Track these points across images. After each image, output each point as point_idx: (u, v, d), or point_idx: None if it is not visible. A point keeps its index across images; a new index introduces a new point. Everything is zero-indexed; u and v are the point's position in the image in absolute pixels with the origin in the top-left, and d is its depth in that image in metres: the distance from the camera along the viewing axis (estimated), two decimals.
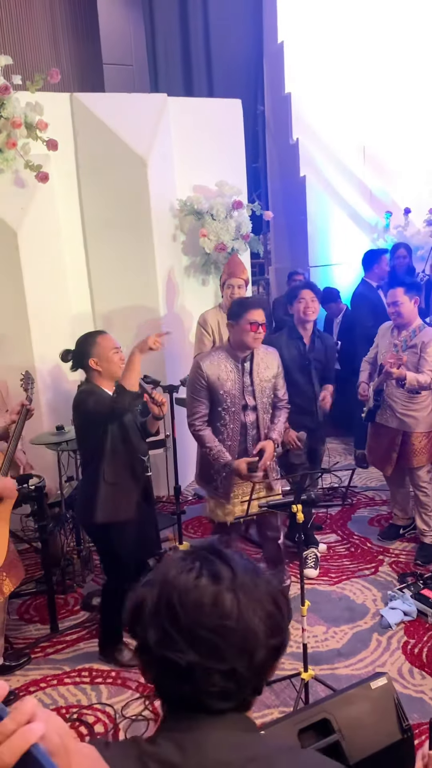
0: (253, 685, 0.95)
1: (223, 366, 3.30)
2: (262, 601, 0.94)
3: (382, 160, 7.74)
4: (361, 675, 3.10)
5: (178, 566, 0.95)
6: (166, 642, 0.90)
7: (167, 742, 0.91)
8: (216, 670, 0.90)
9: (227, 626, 0.90)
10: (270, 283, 7.83)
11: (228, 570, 0.95)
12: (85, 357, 3.17)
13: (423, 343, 3.91)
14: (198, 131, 5.31)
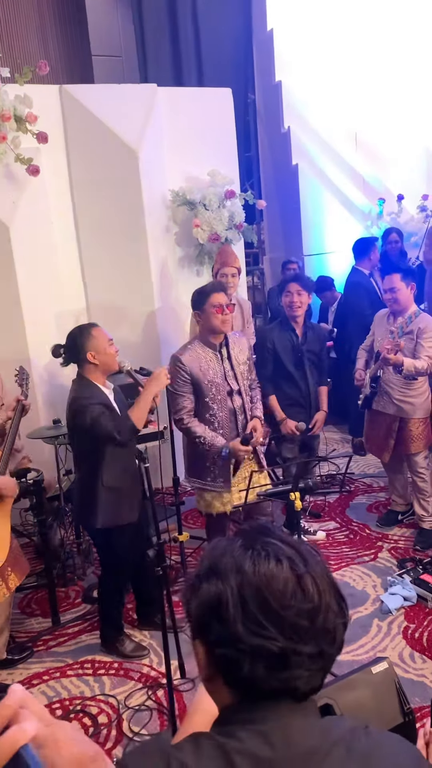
0: (332, 664, 0.96)
1: (202, 356, 3.34)
2: (327, 577, 0.97)
3: (374, 147, 7.72)
4: (362, 660, 3.12)
5: (248, 555, 0.95)
6: (258, 631, 0.90)
7: (252, 736, 0.89)
8: (306, 653, 0.91)
9: (312, 608, 0.92)
10: (264, 273, 7.82)
11: (296, 553, 0.96)
12: (81, 351, 3.08)
13: (419, 329, 3.91)
14: (189, 121, 5.28)
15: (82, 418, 2.98)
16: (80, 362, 3.13)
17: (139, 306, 5.08)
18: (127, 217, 4.97)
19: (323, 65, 7.26)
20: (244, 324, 4.88)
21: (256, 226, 7.31)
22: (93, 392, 3.08)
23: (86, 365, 3.11)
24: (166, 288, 5.23)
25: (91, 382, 3.11)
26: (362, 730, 0.95)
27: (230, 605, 0.91)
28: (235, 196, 5.25)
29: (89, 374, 3.12)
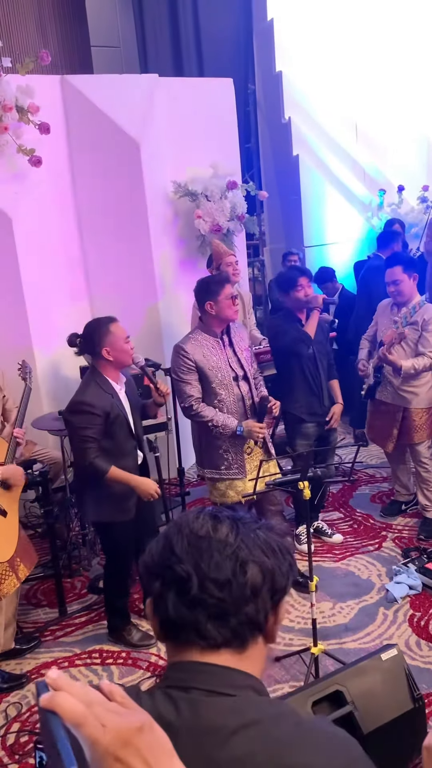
0: (248, 612, 0.96)
1: (205, 344, 3.39)
2: (257, 531, 1.01)
3: (374, 138, 7.71)
4: (369, 648, 3.14)
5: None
6: (167, 555, 0.97)
7: (163, 697, 0.92)
8: (212, 579, 0.94)
9: (222, 540, 0.97)
10: (265, 264, 7.81)
11: (231, 511, 1.04)
12: (97, 345, 3.08)
13: (424, 320, 3.91)
14: (190, 112, 5.26)
15: (69, 424, 3.05)
16: (95, 355, 3.14)
17: (141, 297, 5.08)
18: (129, 208, 4.95)
19: (323, 55, 7.23)
20: (245, 315, 4.88)
21: (257, 217, 7.30)
22: (101, 395, 3.07)
23: (100, 359, 3.12)
24: (168, 279, 5.23)
25: (102, 378, 3.11)
26: (294, 718, 0.92)
27: (157, 544, 1.00)
28: (237, 187, 5.23)
29: (102, 368, 3.13)
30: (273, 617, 1.00)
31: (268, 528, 1.03)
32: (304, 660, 3.06)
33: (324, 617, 3.49)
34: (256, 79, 7.53)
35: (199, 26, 7.30)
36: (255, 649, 0.98)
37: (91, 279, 5.15)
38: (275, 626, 1.00)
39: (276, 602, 1.00)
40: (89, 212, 5.01)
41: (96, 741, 0.65)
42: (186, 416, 3.50)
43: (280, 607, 1.01)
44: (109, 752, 0.65)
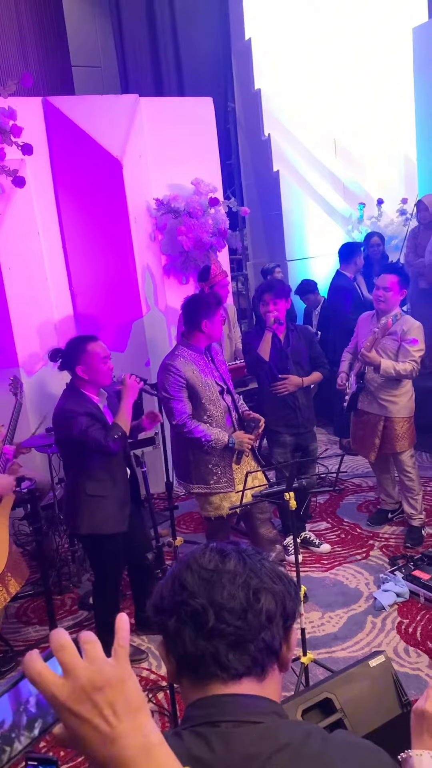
0: (265, 638, 0.98)
1: (193, 360, 3.43)
2: (262, 561, 1.04)
3: (353, 153, 7.85)
4: (359, 657, 3.17)
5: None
6: (179, 592, 0.98)
7: (193, 736, 0.93)
8: (228, 609, 0.96)
9: (232, 571, 0.99)
10: (248, 278, 7.89)
11: (234, 545, 1.06)
12: (72, 363, 3.12)
13: (403, 331, 3.98)
14: (171, 130, 5.34)
15: (69, 429, 3.02)
16: (72, 373, 3.18)
17: (125, 313, 5.13)
18: (112, 226, 5.01)
19: (301, 73, 7.38)
20: (231, 329, 4.95)
21: (239, 232, 7.39)
22: (80, 402, 3.10)
23: (77, 377, 3.15)
24: (152, 296, 5.28)
25: (80, 392, 3.14)
26: (320, 734, 0.96)
27: (165, 584, 1.02)
28: (218, 203, 5.31)
29: (80, 385, 3.16)
30: (285, 645, 1.02)
31: (268, 558, 1.07)
32: (294, 669, 3.08)
33: (313, 627, 3.52)
34: (236, 97, 7.65)
35: (179, 46, 7.42)
36: (272, 678, 1.01)
37: (76, 296, 5.20)
38: (288, 653, 1.03)
39: (287, 629, 1.03)
40: (73, 230, 5.07)
41: (52, 696, 0.72)
42: (177, 433, 3.53)
43: (291, 634, 1.04)
44: (65, 705, 0.72)
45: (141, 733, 0.73)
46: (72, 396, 3.14)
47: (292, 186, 7.20)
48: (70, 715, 0.72)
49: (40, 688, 0.72)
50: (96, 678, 0.72)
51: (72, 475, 3.23)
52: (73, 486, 3.21)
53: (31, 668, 0.72)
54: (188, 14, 7.35)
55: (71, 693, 0.72)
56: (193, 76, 7.45)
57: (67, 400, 3.13)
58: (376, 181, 7.96)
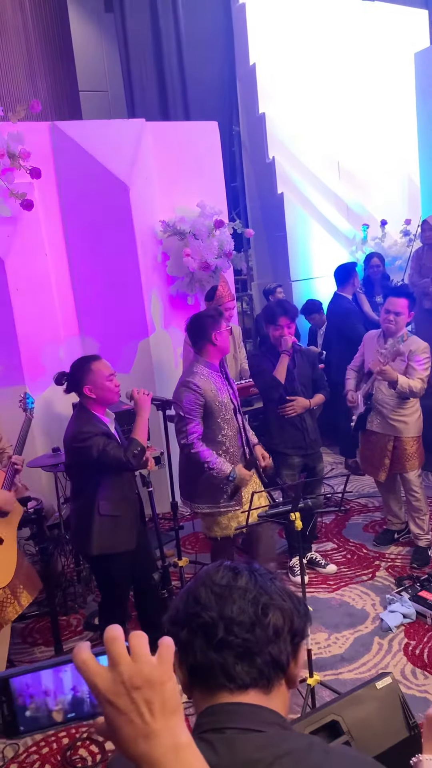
0: (272, 652, 1.02)
1: (212, 378, 3.44)
2: (273, 580, 1.09)
3: (356, 175, 7.93)
4: (365, 678, 3.15)
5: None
6: (192, 605, 1.04)
7: (200, 742, 0.95)
8: (237, 622, 1.01)
9: (243, 587, 1.04)
10: (253, 299, 7.95)
11: (247, 564, 1.11)
12: (79, 383, 3.14)
13: (411, 351, 4.00)
14: (177, 154, 5.43)
15: (88, 451, 3.03)
16: (79, 394, 3.20)
17: (132, 333, 5.17)
18: (119, 248, 5.07)
19: (305, 97, 7.48)
20: (236, 349, 4.98)
21: (244, 253, 7.46)
22: (93, 423, 3.12)
23: (85, 397, 3.17)
24: (158, 315, 5.33)
25: (90, 413, 3.16)
26: (322, 747, 0.99)
27: (181, 599, 1.07)
28: (224, 225, 5.37)
29: (89, 405, 3.18)
30: (293, 661, 1.06)
31: (280, 578, 1.12)
32: (300, 691, 3.07)
33: (320, 648, 3.50)
34: (241, 120, 7.77)
35: (184, 71, 7.56)
36: (279, 692, 1.04)
37: (83, 317, 5.24)
38: (296, 670, 1.07)
39: (296, 645, 1.06)
40: (80, 252, 5.13)
41: (92, 683, 0.76)
42: (183, 452, 3.54)
43: (299, 651, 1.08)
44: (103, 695, 0.75)
45: (173, 733, 0.76)
46: (83, 417, 3.15)
47: (297, 208, 7.28)
48: (109, 705, 0.75)
49: (84, 676, 0.76)
50: (137, 676, 0.76)
51: (83, 496, 3.22)
52: (84, 507, 3.20)
53: (78, 656, 0.76)
54: (194, 40, 7.50)
55: (112, 685, 0.75)
56: (199, 101, 7.58)
57: (79, 422, 3.14)
58: (379, 203, 8.04)
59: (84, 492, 3.21)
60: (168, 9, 7.32)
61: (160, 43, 7.40)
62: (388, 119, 8.14)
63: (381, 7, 8.33)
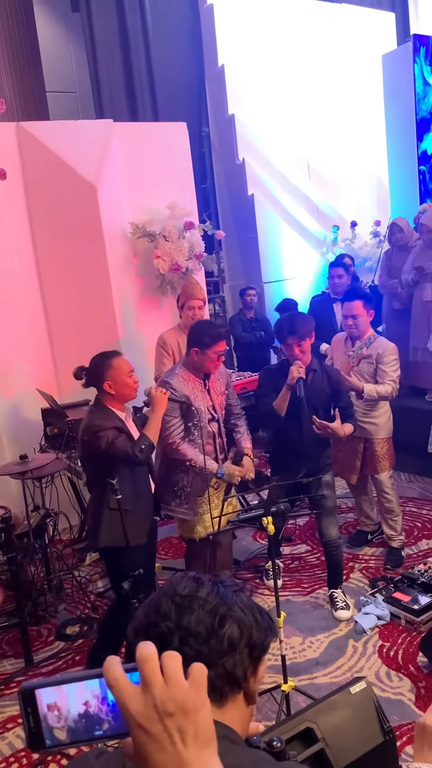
0: (226, 665, 0.99)
1: (191, 383, 3.40)
2: (238, 592, 1.06)
3: (326, 176, 7.96)
4: (340, 682, 3.14)
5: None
6: (153, 614, 1.01)
7: None
8: (192, 633, 0.98)
9: (203, 598, 1.02)
10: (225, 301, 7.92)
11: (214, 576, 1.08)
12: (99, 379, 3.12)
13: (378, 354, 4.00)
14: (145, 155, 5.38)
15: (97, 442, 3.02)
16: (99, 389, 3.17)
17: (102, 337, 5.09)
18: (87, 251, 5.00)
19: (274, 98, 7.49)
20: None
21: (216, 255, 7.43)
22: (107, 417, 3.11)
23: (104, 392, 3.14)
24: (129, 319, 5.27)
25: (106, 408, 3.14)
26: (269, 763, 0.97)
27: (143, 608, 1.05)
28: (194, 227, 5.34)
29: (106, 401, 3.15)
30: (252, 677, 1.03)
31: (249, 594, 1.09)
32: (275, 698, 3.04)
33: (294, 652, 3.47)
34: (210, 122, 7.75)
35: (153, 72, 7.50)
36: (234, 707, 1.01)
37: (51, 320, 5.16)
38: (255, 686, 1.04)
39: (255, 659, 1.03)
40: (48, 255, 5.05)
41: (124, 705, 0.70)
42: (167, 449, 3.49)
43: (259, 666, 1.04)
44: (134, 719, 0.70)
45: (206, 766, 0.71)
46: (98, 412, 3.14)
47: (267, 209, 7.28)
48: (140, 730, 0.70)
49: (115, 695, 0.71)
50: (170, 701, 0.70)
51: (97, 489, 3.21)
52: (97, 500, 3.19)
53: (109, 672, 0.71)
54: (162, 40, 7.45)
55: (144, 709, 0.70)
56: (168, 101, 7.53)
57: (93, 416, 3.12)
58: (349, 204, 8.08)
59: (97, 485, 3.19)
60: (135, 9, 7.25)
61: (128, 43, 7.33)
62: (357, 121, 8.19)
63: (348, 9, 8.38)
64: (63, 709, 0.71)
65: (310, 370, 3.65)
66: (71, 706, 0.71)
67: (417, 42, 7.08)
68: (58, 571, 4.27)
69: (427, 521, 4.76)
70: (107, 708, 0.72)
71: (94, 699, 0.72)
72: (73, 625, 3.92)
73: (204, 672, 0.74)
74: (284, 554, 4.49)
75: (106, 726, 0.72)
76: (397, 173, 7.47)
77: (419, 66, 7.08)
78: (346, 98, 8.12)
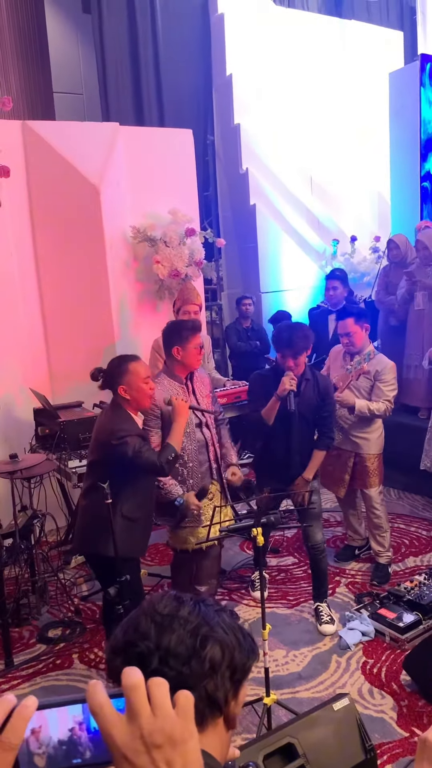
0: (207, 688, 0.96)
1: (173, 389, 3.36)
2: (220, 612, 1.04)
3: (328, 190, 8.00)
4: (323, 697, 3.12)
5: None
6: (131, 633, 0.98)
7: None
8: (173, 654, 0.95)
9: (184, 618, 0.99)
10: (223, 309, 7.92)
11: (195, 596, 1.06)
12: (115, 382, 3.06)
13: (377, 371, 4.00)
14: (150, 160, 5.38)
15: (124, 448, 2.94)
16: (114, 392, 3.11)
17: (98, 340, 5.08)
18: (88, 252, 5.00)
19: (280, 110, 7.53)
20: (206, 359, 4.93)
21: (215, 263, 7.43)
22: (129, 423, 3.06)
23: (119, 397, 3.09)
24: (125, 322, 5.26)
25: (125, 412, 3.07)
26: None
27: (122, 627, 1.01)
28: (195, 234, 5.34)
29: (124, 404, 3.09)
30: (233, 701, 1.00)
31: (231, 614, 1.06)
32: (256, 711, 3.01)
33: (277, 665, 3.45)
34: (215, 130, 7.77)
35: (161, 77, 7.51)
36: (214, 731, 0.98)
37: (48, 321, 5.14)
38: (236, 710, 1.01)
39: (237, 683, 1.00)
40: (48, 255, 5.04)
41: (108, 735, 0.67)
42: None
43: (240, 690, 1.01)
44: (120, 750, 0.67)
45: None
46: (119, 415, 3.06)
47: (268, 220, 7.29)
48: (125, 761, 0.67)
49: (99, 723, 0.67)
50: (158, 733, 0.67)
51: (97, 495, 2.98)
52: (104, 507, 2.97)
53: (94, 699, 0.67)
54: (171, 47, 7.47)
55: (130, 740, 0.67)
56: (174, 108, 7.54)
57: (115, 419, 3.04)
58: (350, 219, 8.11)
59: (107, 490, 2.98)
60: (146, 14, 7.28)
61: (137, 47, 7.34)
62: (362, 136, 8.24)
63: (357, 26, 8.45)
64: (44, 734, 0.68)
65: (303, 380, 3.65)
66: (52, 731, 0.68)
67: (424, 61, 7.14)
68: (43, 573, 4.23)
69: (414, 538, 4.76)
70: (87, 735, 0.69)
71: (75, 725, 0.69)
72: (56, 628, 3.88)
73: (191, 701, 0.71)
74: (271, 566, 4.48)
75: (87, 754, 0.69)
76: (399, 190, 7.51)
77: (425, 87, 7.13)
78: (351, 114, 8.18)
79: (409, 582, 3.91)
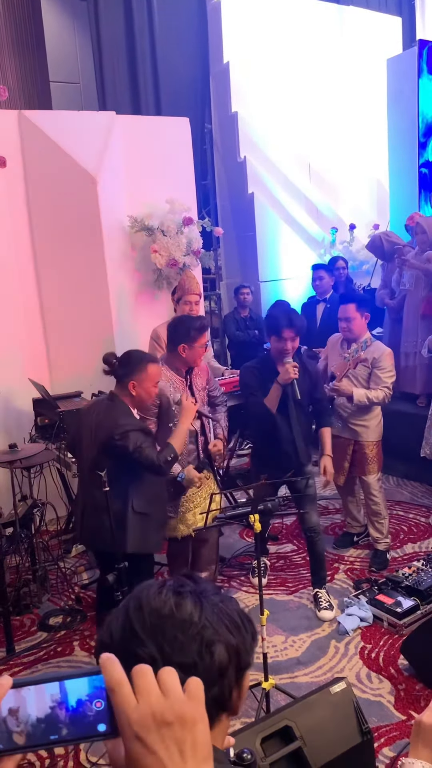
0: (214, 693, 0.92)
1: (171, 381, 3.38)
2: (220, 604, 0.97)
3: (327, 178, 7.97)
4: (321, 682, 3.15)
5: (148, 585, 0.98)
6: (128, 637, 0.90)
7: None
8: (176, 662, 0.87)
9: (186, 620, 0.91)
10: (221, 298, 7.91)
11: (191, 581, 0.98)
12: (127, 375, 3.02)
13: (374, 359, 4.01)
14: (147, 149, 5.36)
15: (125, 441, 2.92)
16: (121, 384, 3.07)
17: (97, 330, 5.09)
18: (85, 242, 4.99)
19: (278, 97, 7.49)
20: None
21: (213, 252, 7.42)
22: (130, 417, 3.04)
23: (124, 390, 3.05)
24: (124, 312, 5.26)
25: (125, 406, 3.05)
26: None
27: (116, 621, 0.93)
28: (192, 223, 5.33)
29: (123, 398, 3.06)
30: (237, 692, 0.97)
31: (229, 600, 1.00)
32: (255, 695, 3.04)
33: (276, 651, 3.48)
34: (213, 118, 7.73)
35: (157, 65, 7.47)
36: (219, 727, 0.96)
37: (46, 311, 5.15)
38: (239, 700, 0.98)
39: (240, 677, 0.97)
40: (45, 245, 5.03)
41: (123, 712, 0.67)
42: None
43: (243, 680, 0.98)
44: (132, 728, 0.66)
45: None
46: (122, 409, 3.03)
47: (267, 208, 7.27)
48: (137, 742, 0.67)
49: (115, 700, 0.68)
50: (167, 711, 0.68)
51: (116, 490, 2.98)
52: (116, 501, 3.00)
53: (112, 675, 0.68)
54: (168, 34, 7.42)
55: (141, 718, 0.67)
56: (171, 96, 7.51)
57: (118, 413, 3.00)
58: (348, 206, 8.09)
59: (117, 485, 2.98)
60: (142, 2, 7.22)
61: (134, 36, 7.30)
62: (360, 123, 8.20)
63: (355, 11, 8.39)
64: (22, 713, 0.69)
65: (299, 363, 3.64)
66: (30, 710, 0.69)
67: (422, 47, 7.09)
68: (44, 562, 4.26)
69: (413, 525, 4.78)
70: (66, 713, 0.69)
71: (53, 703, 0.70)
72: (57, 616, 3.91)
73: (201, 686, 0.71)
74: (270, 553, 4.50)
75: (64, 731, 0.69)
76: (397, 177, 7.49)
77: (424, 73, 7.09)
78: (349, 100, 8.13)
79: (407, 568, 3.94)
